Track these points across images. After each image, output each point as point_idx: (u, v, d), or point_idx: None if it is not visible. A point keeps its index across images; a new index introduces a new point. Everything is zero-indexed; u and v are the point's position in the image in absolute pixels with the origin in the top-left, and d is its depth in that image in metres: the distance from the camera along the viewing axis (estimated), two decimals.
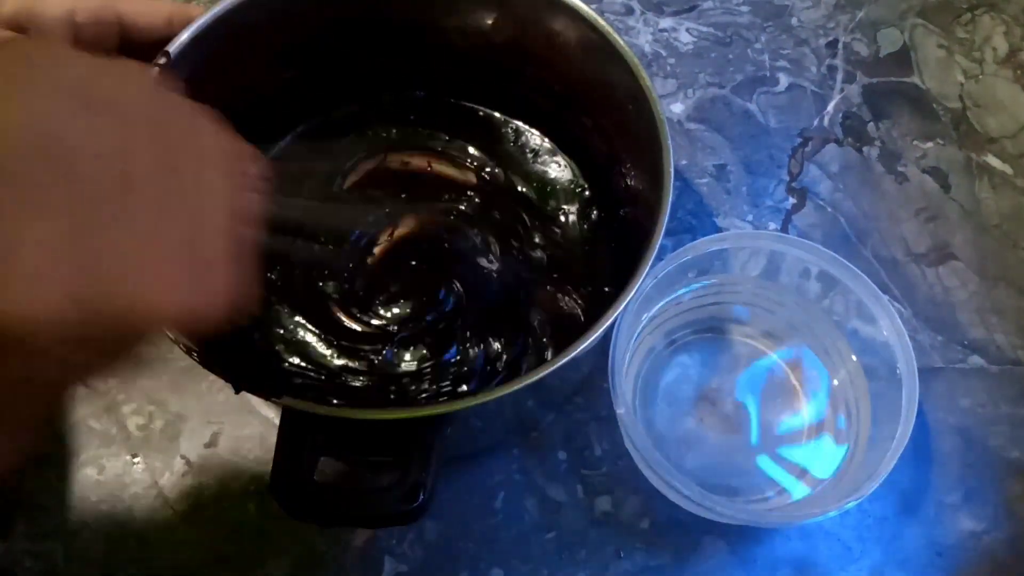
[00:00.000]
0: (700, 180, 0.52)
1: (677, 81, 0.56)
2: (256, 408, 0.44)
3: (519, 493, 0.43)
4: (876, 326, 0.42)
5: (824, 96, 0.55)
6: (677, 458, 0.43)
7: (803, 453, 0.43)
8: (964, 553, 0.42)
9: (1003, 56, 0.58)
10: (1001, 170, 0.53)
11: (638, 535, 0.42)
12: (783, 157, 0.53)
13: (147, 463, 0.43)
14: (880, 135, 0.54)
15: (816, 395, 0.44)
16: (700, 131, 0.54)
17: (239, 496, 0.42)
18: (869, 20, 0.58)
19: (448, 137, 0.47)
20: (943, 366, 0.47)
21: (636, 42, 0.57)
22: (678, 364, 0.45)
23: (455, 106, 0.48)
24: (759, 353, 0.46)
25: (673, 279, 0.43)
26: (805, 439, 0.44)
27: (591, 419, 0.44)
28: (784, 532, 0.42)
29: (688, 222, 0.50)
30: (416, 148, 0.46)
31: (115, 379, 0.44)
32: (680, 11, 0.58)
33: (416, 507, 0.30)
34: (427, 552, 0.41)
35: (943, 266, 0.50)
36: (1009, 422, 0.45)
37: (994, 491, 0.44)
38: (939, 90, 0.56)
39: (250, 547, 0.41)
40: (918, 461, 0.44)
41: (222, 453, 0.43)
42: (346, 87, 0.47)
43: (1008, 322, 0.48)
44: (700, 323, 0.46)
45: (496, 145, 0.47)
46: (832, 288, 0.43)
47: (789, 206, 0.51)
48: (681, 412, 0.44)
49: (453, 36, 0.44)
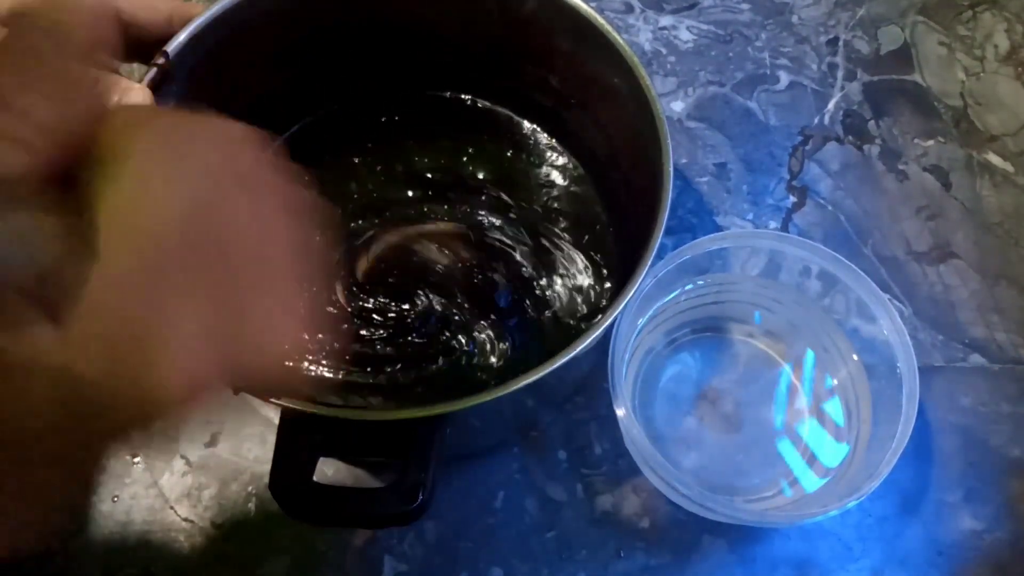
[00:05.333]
0: (700, 179, 0.52)
1: (677, 79, 0.55)
2: (256, 408, 0.44)
3: (519, 493, 0.43)
4: (877, 325, 0.42)
5: (825, 94, 0.55)
6: (677, 458, 0.43)
7: (803, 453, 0.43)
8: (965, 552, 0.42)
9: (1004, 53, 0.57)
10: (1002, 168, 0.53)
11: (638, 535, 0.42)
12: (783, 155, 0.53)
13: (147, 463, 0.43)
14: (881, 133, 0.54)
15: (816, 394, 0.44)
16: (700, 129, 0.54)
17: (239, 496, 0.42)
18: (870, 17, 0.58)
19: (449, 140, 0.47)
20: (944, 365, 0.47)
21: (636, 40, 0.56)
22: (678, 363, 0.45)
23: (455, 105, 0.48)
24: (759, 352, 0.46)
25: (673, 278, 0.43)
26: (805, 439, 0.43)
27: (591, 419, 0.44)
28: (784, 531, 0.42)
29: (688, 221, 0.50)
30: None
31: None
32: (680, 9, 0.58)
33: (416, 507, 0.30)
34: (427, 552, 0.41)
35: (944, 264, 0.50)
36: (1010, 421, 0.45)
37: (995, 490, 0.43)
38: (940, 88, 0.56)
39: (250, 547, 0.41)
40: (919, 460, 0.44)
41: (222, 453, 0.43)
42: (345, 86, 0.46)
43: (1009, 320, 0.48)
44: (700, 322, 0.46)
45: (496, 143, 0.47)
46: (832, 287, 0.43)
47: (790, 205, 0.51)
48: (681, 411, 0.44)
49: (452, 35, 0.44)
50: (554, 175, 0.46)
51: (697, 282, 0.45)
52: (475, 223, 0.44)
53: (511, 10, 0.42)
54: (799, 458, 0.43)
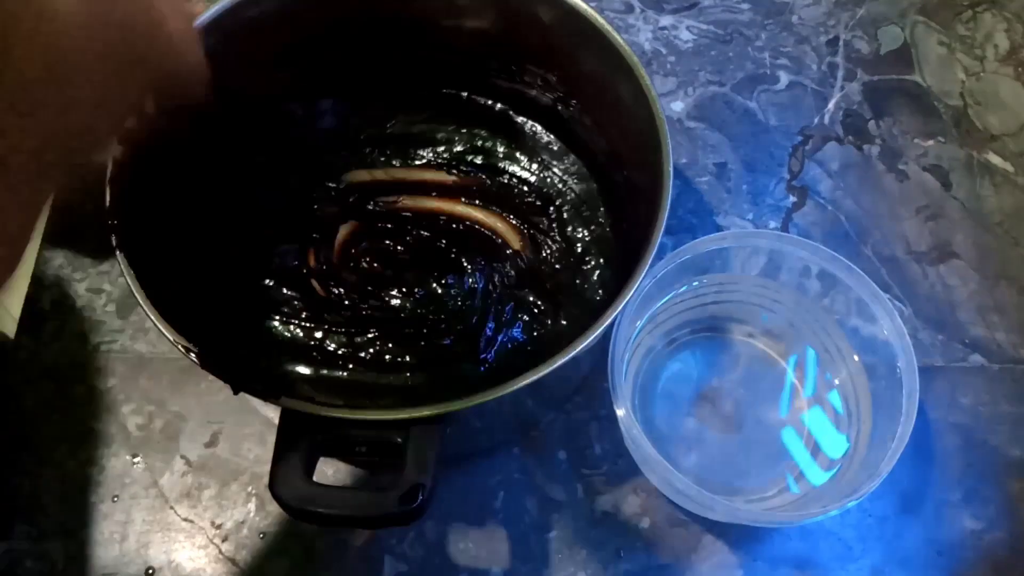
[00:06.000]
0: (700, 179, 0.52)
1: (677, 79, 0.55)
2: (256, 408, 0.44)
3: (519, 493, 0.43)
4: (877, 325, 0.42)
5: (825, 94, 0.55)
6: (677, 458, 0.43)
7: (807, 443, 0.43)
8: (965, 552, 0.42)
9: (1004, 53, 0.57)
10: (1002, 168, 0.53)
11: (638, 535, 0.42)
12: (783, 155, 0.53)
13: (147, 463, 0.43)
14: (881, 133, 0.54)
15: (816, 394, 0.44)
16: (700, 129, 0.54)
17: (239, 496, 0.42)
18: (870, 17, 0.58)
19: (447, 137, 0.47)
20: (944, 365, 0.47)
21: (636, 40, 0.56)
22: (678, 363, 0.45)
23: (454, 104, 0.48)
24: (759, 352, 0.46)
25: (673, 278, 0.43)
26: (805, 438, 0.43)
27: (591, 419, 0.44)
28: (784, 531, 0.42)
29: (688, 221, 0.50)
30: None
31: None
32: (680, 9, 0.58)
33: (415, 507, 0.30)
34: (427, 552, 0.41)
35: (944, 264, 0.50)
36: (1010, 421, 0.45)
37: (995, 490, 0.44)
38: (940, 88, 0.56)
39: (250, 547, 0.41)
40: (919, 460, 0.44)
41: (222, 453, 0.43)
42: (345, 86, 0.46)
43: (1009, 320, 0.48)
44: (700, 322, 0.46)
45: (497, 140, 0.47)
46: (832, 287, 0.43)
47: (789, 204, 0.51)
48: (681, 411, 0.44)
49: (452, 34, 0.44)
50: (554, 174, 0.46)
51: (697, 282, 0.45)
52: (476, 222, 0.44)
53: (511, 10, 0.42)
54: (804, 450, 0.43)
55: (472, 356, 0.40)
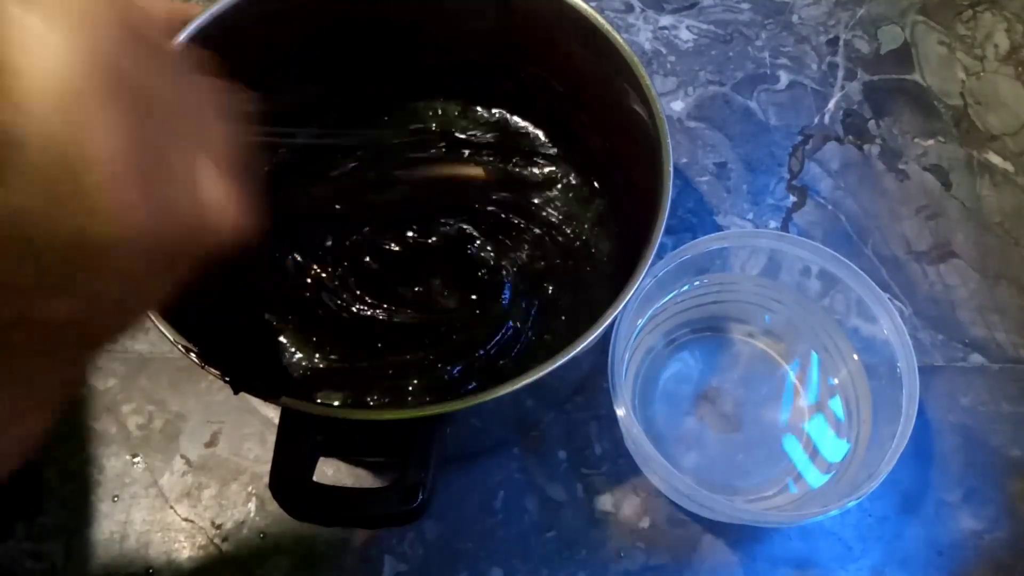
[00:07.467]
0: (700, 178, 0.52)
1: (677, 79, 0.55)
2: (256, 408, 0.44)
3: (519, 493, 0.43)
4: (877, 325, 0.42)
5: (825, 94, 0.55)
6: (677, 457, 0.43)
7: (806, 447, 0.43)
8: (965, 552, 0.42)
9: (1004, 53, 0.57)
10: (1002, 168, 0.53)
11: (638, 535, 0.42)
12: (783, 155, 0.53)
13: (147, 463, 0.43)
14: (881, 133, 0.54)
15: (816, 394, 0.44)
16: (700, 129, 0.54)
17: (239, 496, 0.42)
18: (870, 17, 0.58)
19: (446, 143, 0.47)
20: (944, 364, 0.47)
21: (636, 40, 0.56)
22: (678, 363, 0.45)
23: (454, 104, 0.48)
24: (759, 352, 0.46)
25: (673, 278, 0.43)
26: (805, 439, 0.43)
27: (591, 418, 0.44)
28: (784, 531, 0.42)
29: (688, 220, 0.50)
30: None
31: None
32: (680, 8, 0.58)
33: (416, 507, 0.30)
34: (427, 552, 0.41)
35: (944, 264, 0.50)
36: (1010, 420, 0.45)
37: (995, 490, 0.44)
38: (940, 87, 0.56)
39: (250, 547, 0.41)
40: (918, 460, 0.44)
41: (222, 453, 0.43)
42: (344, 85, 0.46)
43: (1009, 320, 0.48)
44: (700, 322, 0.46)
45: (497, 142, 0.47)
46: (832, 287, 0.43)
47: (790, 204, 0.51)
48: (681, 411, 0.44)
49: (453, 34, 0.44)
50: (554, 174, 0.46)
51: (697, 282, 0.45)
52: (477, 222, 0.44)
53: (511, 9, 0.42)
54: (803, 453, 0.43)
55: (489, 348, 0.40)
